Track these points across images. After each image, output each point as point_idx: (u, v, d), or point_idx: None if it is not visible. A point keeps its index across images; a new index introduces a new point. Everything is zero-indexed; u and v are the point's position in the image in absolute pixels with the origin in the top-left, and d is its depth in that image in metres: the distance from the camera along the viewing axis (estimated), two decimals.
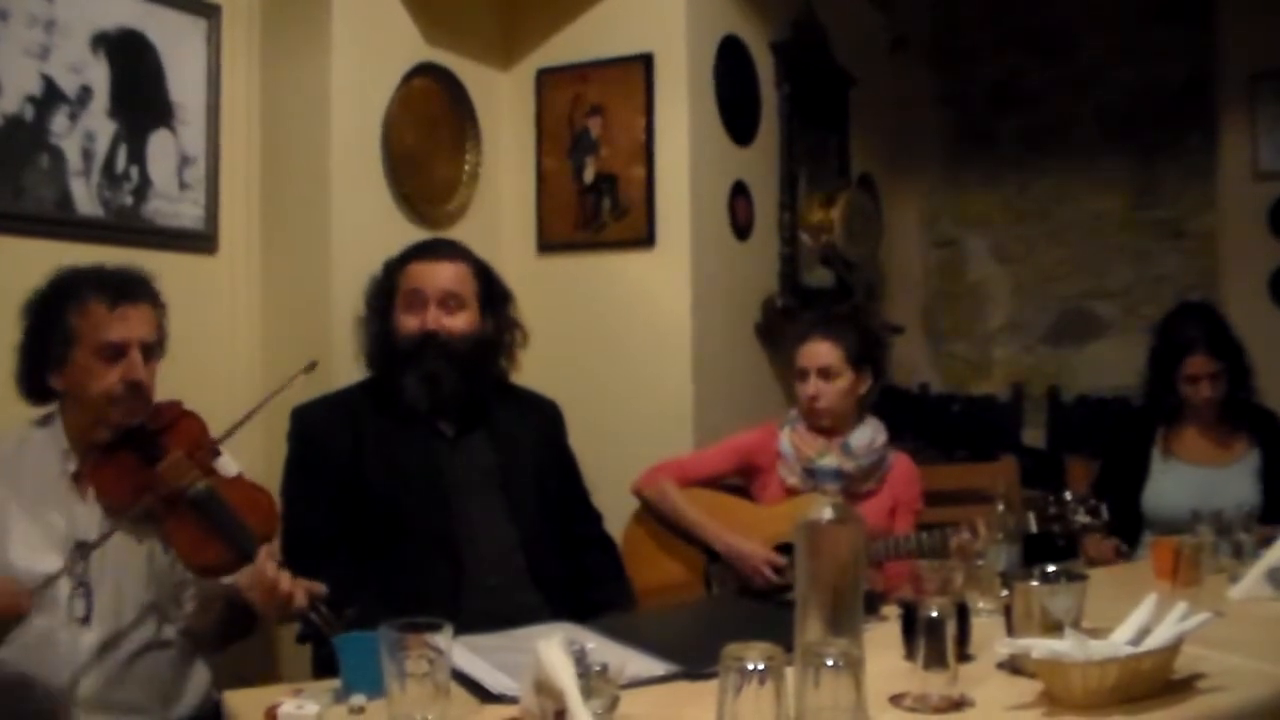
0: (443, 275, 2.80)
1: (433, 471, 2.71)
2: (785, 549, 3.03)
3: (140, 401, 2.35)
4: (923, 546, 2.93)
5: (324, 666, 2.15)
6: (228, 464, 2.45)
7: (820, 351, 3.18)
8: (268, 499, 2.44)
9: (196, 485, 2.29)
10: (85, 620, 2.26)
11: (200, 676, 2.45)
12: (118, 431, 2.33)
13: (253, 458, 2.80)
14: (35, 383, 2.36)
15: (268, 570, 2.20)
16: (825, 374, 3.17)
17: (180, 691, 2.40)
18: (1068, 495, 2.90)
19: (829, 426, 3.20)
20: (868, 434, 3.21)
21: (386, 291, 2.82)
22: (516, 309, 2.95)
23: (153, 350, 2.38)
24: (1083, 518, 2.84)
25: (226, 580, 2.35)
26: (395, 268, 2.85)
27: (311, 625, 2.19)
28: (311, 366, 2.42)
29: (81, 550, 2.26)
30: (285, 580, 2.19)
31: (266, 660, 3.32)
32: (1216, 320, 3.41)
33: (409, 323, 2.76)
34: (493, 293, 2.89)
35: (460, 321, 2.78)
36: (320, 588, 2.20)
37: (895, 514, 3.23)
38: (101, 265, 2.40)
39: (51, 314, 2.32)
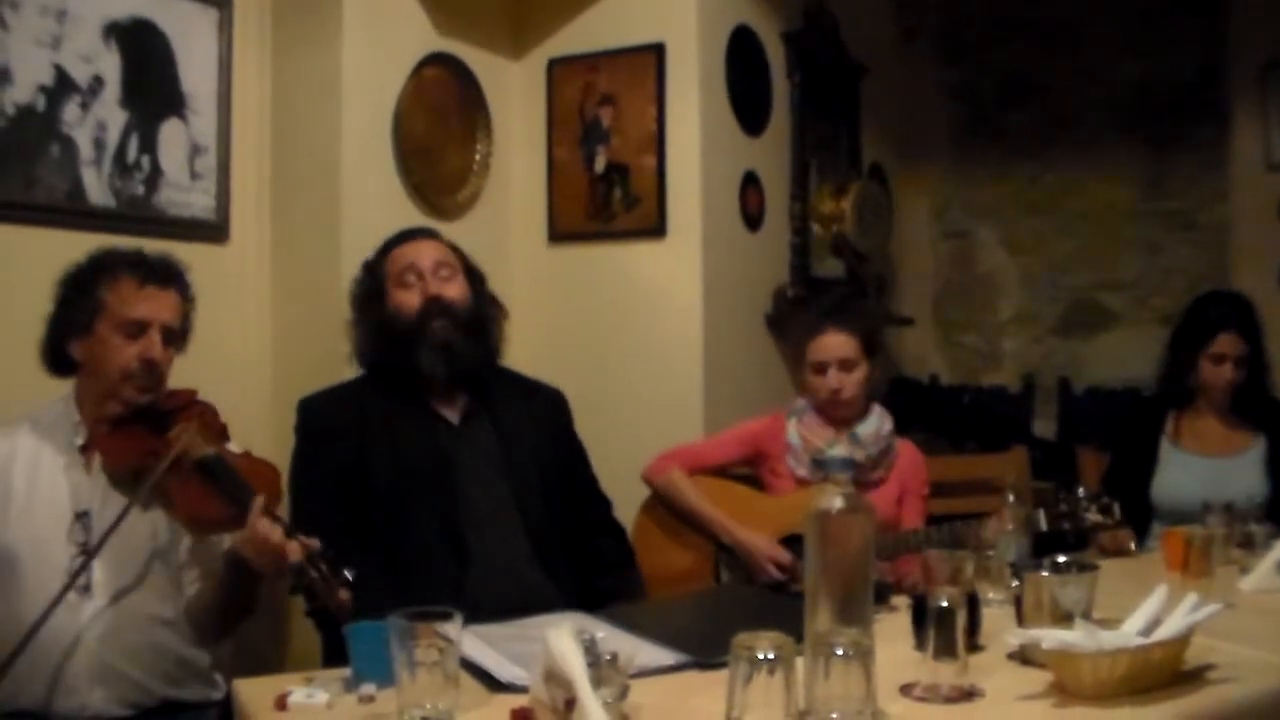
0: (431, 249, 2.87)
1: (439, 458, 2.72)
2: (793, 541, 3.03)
3: (153, 381, 2.39)
4: (932, 542, 2.92)
5: (334, 655, 2.15)
6: (234, 448, 2.48)
7: (838, 343, 3.17)
8: (273, 470, 2.46)
9: (204, 451, 2.32)
10: (86, 590, 2.28)
11: (202, 662, 2.47)
12: (129, 408, 2.36)
13: (263, 451, 2.80)
14: (58, 352, 2.40)
15: (260, 525, 2.21)
16: (845, 365, 3.16)
17: (185, 675, 2.42)
18: (1080, 491, 2.89)
19: (847, 417, 3.20)
20: (875, 422, 3.21)
21: (375, 284, 2.85)
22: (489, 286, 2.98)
23: (173, 336, 2.42)
24: (1094, 516, 2.83)
25: (224, 547, 2.38)
26: (378, 260, 2.89)
27: (306, 577, 2.17)
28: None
29: (85, 522, 2.30)
30: (277, 534, 2.20)
31: (277, 649, 3.33)
32: (1249, 307, 3.41)
33: (408, 298, 2.78)
34: (470, 268, 2.93)
35: (456, 289, 2.82)
36: (316, 543, 2.20)
37: (903, 502, 3.23)
38: (141, 249, 2.47)
39: (85, 284, 2.38)
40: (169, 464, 2.27)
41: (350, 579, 2.14)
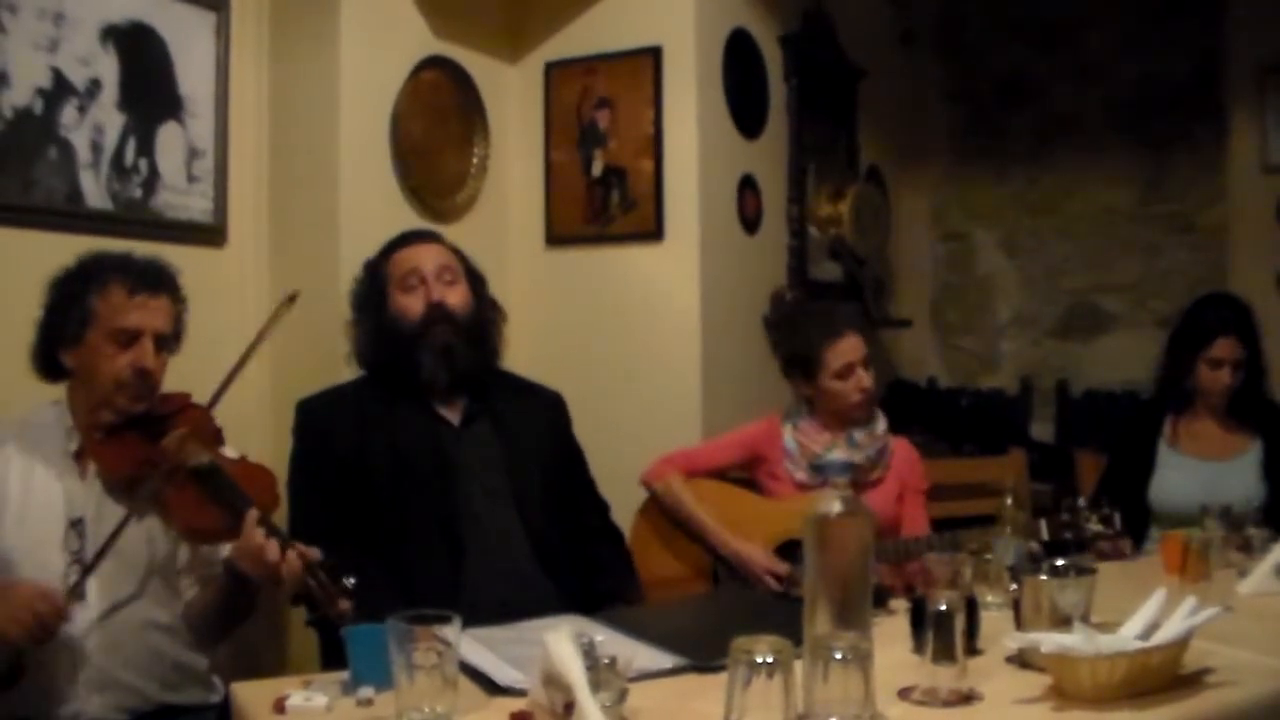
0: (434, 253, 2.86)
1: (438, 459, 2.72)
2: (792, 545, 3.03)
3: (147, 389, 2.38)
4: (934, 548, 2.92)
5: (332, 658, 2.15)
6: (229, 453, 2.47)
7: (858, 344, 3.20)
8: (269, 476, 2.46)
9: (199, 458, 2.31)
10: (82, 597, 2.27)
11: (200, 666, 2.46)
12: (123, 416, 2.35)
13: (261, 453, 2.81)
14: (49, 359, 2.39)
15: (254, 538, 2.21)
16: (866, 363, 3.19)
17: (183, 679, 2.42)
18: (1080, 502, 2.89)
19: (865, 416, 3.21)
20: (872, 424, 3.23)
21: (377, 286, 2.85)
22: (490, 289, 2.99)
23: (166, 342, 2.41)
24: (1095, 526, 2.84)
25: (224, 553, 2.37)
26: (380, 262, 2.89)
27: (305, 587, 2.17)
28: (293, 298, 2.45)
29: (79, 529, 2.30)
30: (272, 547, 2.19)
31: (275, 652, 3.33)
32: (1247, 310, 3.41)
33: (411, 303, 2.78)
34: (472, 272, 2.93)
35: (458, 295, 2.83)
36: (316, 553, 2.19)
37: (903, 500, 3.24)
38: (129, 253, 2.46)
39: (74, 292, 2.37)
40: (165, 473, 2.26)
41: (351, 587, 2.14)
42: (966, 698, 1.72)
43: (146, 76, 3.19)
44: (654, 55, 3.91)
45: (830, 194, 4.72)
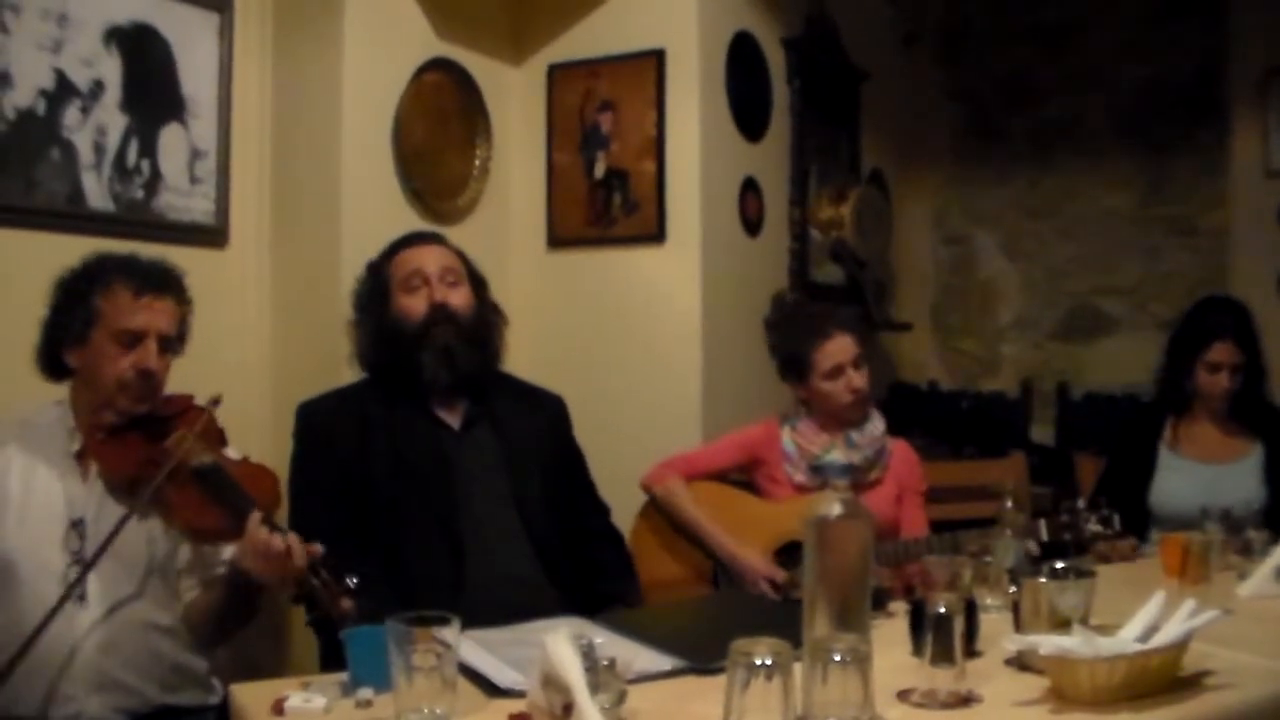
0: (437, 255, 2.87)
1: (439, 462, 2.72)
2: (792, 547, 3.03)
3: (150, 390, 2.38)
4: (934, 550, 2.92)
5: (332, 659, 2.15)
6: (232, 453, 2.48)
7: (849, 344, 3.21)
8: (271, 476, 2.46)
9: (201, 458, 2.32)
10: (82, 599, 2.28)
11: (199, 668, 2.47)
12: (125, 417, 2.36)
13: (262, 454, 2.80)
14: (53, 358, 2.39)
15: (259, 535, 2.21)
16: (857, 363, 3.20)
17: (182, 681, 2.42)
18: (1080, 503, 2.90)
19: (858, 418, 3.22)
20: (870, 424, 3.23)
21: (380, 287, 2.85)
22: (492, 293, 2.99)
23: (170, 344, 2.42)
24: (1094, 527, 2.84)
25: (225, 554, 2.37)
26: (383, 263, 2.89)
27: (308, 586, 2.17)
28: (216, 401, 2.43)
29: (79, 529, 2.30)
30: (278, 542, 2.19)
31: (275, 653, 3.33)
32: (1246, 314, 3.41)
33: (413, 304, 2.78)
34: (474, 274, 2.94)
35: (461, 297, 2.83)
36: (319, 550, 2.19)
37: (901, 501, 3.24)
38: (135, 254, 2.47)
39: (79, 292, 2.37)
40: (167, 473, 2.27)
41: (353, 586, 2.14)
42: (965, 700, 1.72)
43: (149, 78, 3.19)
44: (657, 58, 3.92)
45: (832, 196, 4.72)
